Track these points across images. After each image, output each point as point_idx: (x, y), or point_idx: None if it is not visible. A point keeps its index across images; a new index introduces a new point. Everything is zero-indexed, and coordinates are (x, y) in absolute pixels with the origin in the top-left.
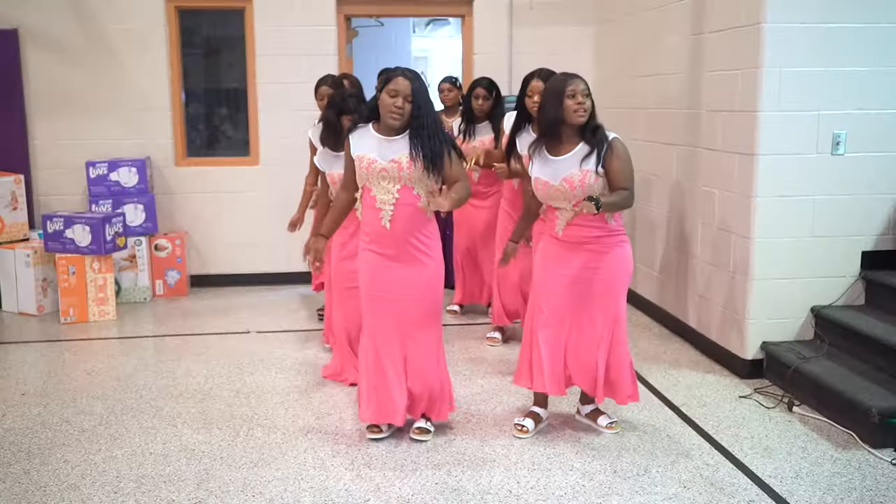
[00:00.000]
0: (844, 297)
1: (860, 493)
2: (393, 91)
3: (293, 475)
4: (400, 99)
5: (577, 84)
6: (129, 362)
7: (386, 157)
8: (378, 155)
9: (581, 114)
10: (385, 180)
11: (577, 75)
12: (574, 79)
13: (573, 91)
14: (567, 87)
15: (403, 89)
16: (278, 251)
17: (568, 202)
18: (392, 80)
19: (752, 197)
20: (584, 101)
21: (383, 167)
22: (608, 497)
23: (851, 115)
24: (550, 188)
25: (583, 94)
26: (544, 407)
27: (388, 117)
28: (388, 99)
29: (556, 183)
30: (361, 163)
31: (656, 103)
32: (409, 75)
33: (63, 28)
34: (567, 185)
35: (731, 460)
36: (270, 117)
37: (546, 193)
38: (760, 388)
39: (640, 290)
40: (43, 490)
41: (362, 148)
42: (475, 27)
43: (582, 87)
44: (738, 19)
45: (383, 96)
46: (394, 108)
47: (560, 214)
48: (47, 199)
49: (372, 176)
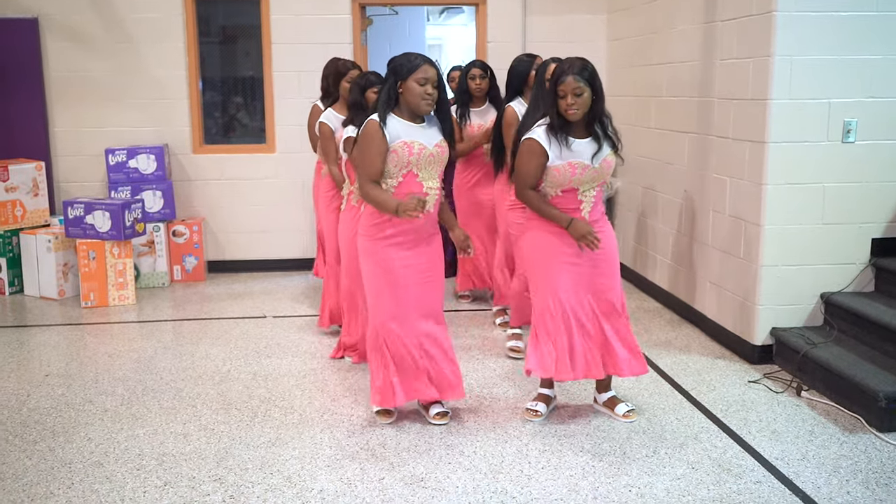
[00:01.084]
0: (854, 283)
1: (865, 476)
2: (423, 79)
3: (309, 454)
4: (430, 86)
5: (568, 83)
6: (148, 345)
7: (431, 142)
8: (425, 140)
9: (571, 114)
10: (432, 165)
11: (570, 69)
12: (566, 76)
13: (563, 91)
14: (558, 87)
15: (432, 77)
16: (294, 238)
17: (597, 183)
18: (419, 68)
19: (762, 184)
20: (574, 102)
21: (432, 152)
22: (617, 477)
23: (863, 102)
24: (588, 170)
25: (573, 93)
26: (551, 387)
27: (423, 105)
28: (418, 87)
29: (596, 165)
30: (411, 149)
31: (668, 91)
32: (431, 60)
33: (82, 17)
34: (606, 164)
35: (739, 443)
36: (286, 105)
37: (583, 177)
38: (769, 374)
39: (652, 277)
40: (68, 466)
41: (404, 135)
42: (489, 15)
43: (573, 86)
44: (750, 8)
45: (412, 85)
46: (426, 94)
47: (585, 197)
48: (68, 186)
49: (421, 161)
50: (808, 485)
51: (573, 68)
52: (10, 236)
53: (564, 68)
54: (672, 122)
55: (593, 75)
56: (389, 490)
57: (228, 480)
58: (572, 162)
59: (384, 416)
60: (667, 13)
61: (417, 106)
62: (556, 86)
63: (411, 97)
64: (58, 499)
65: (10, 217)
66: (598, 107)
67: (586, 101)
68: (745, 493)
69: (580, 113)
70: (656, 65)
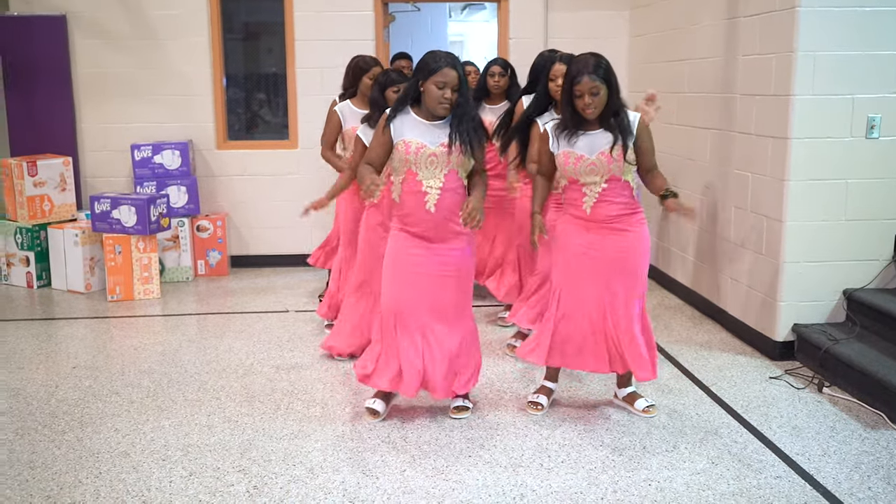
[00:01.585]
0: (877, 280)
1: (887, 471)
2: (441, 83)
3: (332, 446)
4: (448, 90)
5: (584, 84)
6: (173, 338)
7: (435, 142)
8: (427, 139)
9: (589, 112)
10: (433, 165)
11: (584, 66)
12: (581, 76)
13: (580, 91)
14: (574, 87)
15: (451, 81)
16: (316, 233)
17: (600, 177)
18: (439, 71)
19: (784, 180)
20: (591, 101)
21: (433, 152)
22: (637, 471)
23: (887, 98)
24: (585, 162)
25: (590, 93)
26: (555, 381)
27: (439, 108)
28: (436, 91)
29: (592, 157)
30: (409, 147)
31: (691, 87)
32: (454, 63)
33: (109, 14)
34: (604, 158)
35: (760, 438)
36: (309, 101)
37: (578, 168)
38: (791, 370)
39: (673, 273)
40: (96, 456)
41: (407, 132)
42: (511, 11)
43: (589, 85)
44: (773, 3)
45: (431, 87)
46: (443, 98)
47: (588, 191)
48: (94, 181)
49: (420, 160)
50: (829, 480)
51: (588, 67)
52: (39, 230)
53: (580, 68)
54: (694, 118)
55: (608, 71)
56: (411, 482)
57: (252, 471)
58: (567, 151)
59: (371, 414)
60: (689, 9)
61: (434, 108)
62: (572, 85)
63: (429, 99)
64: (86, 487)
65: (38, 211)
66: (613, 101)
67: (603, 99)
68: (766, 488)
69: (598, 111)
70: (678, 61)
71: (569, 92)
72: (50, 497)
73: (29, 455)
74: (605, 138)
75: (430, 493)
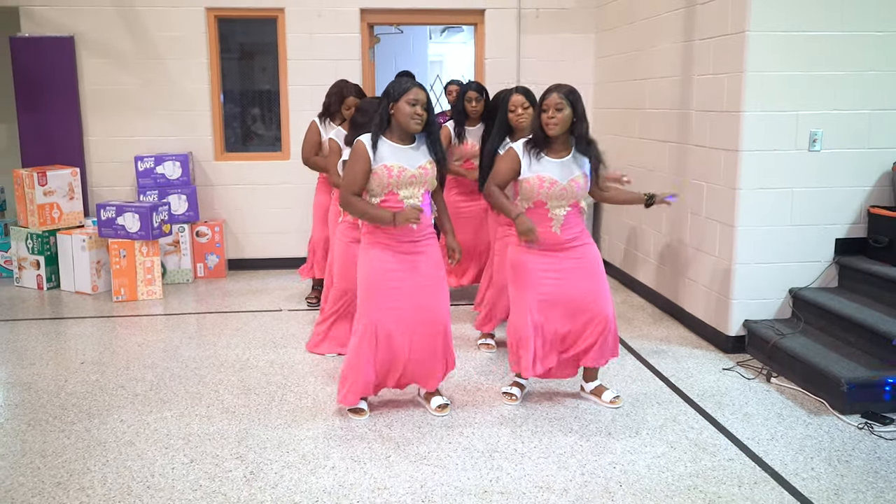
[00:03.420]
0: (819, 279)
1: (828, 454)
2: (413, 100)
3: (322, 434)
4: (419, 107)
5: (551, 99)
6: (174, 336)
7: (413, 165)
8: (406, 163)
9: (551, 127)
10: (414, 185)
11: (556, 87)
12: (550, 93)
13: (546, 106)
14: (543, 103)
15: (421, 99)
16: (307, 238)
17: (567, 201)
18: (410, 90)
19: (736, 189)
20: (555, 115)
21: (413, 174)
22: (602, 455)
23: (828, 115)
24: (557, 187)
25: (555, 108)
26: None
27: (412, 124)
28: (408, 108)
29: (564, 182)
30: (391, 171)
31: (651, 104)
32: (420, 85)
33: (114, 36)
34: (575, 185)
35: (714, 424)
36: (300, 116)
37: (550, 192)
38: (742, 362)
39: (637, 275)
40: (103, 446)
41: (387, 158)
42: (486, 34)
43: (555, 101)
44: (726, 28)
45: (403, 105)
46: (416, 115)
47: (555, 214)
48: (100, 190)
49: (402, 182)
50: (777, 462)
51: (558, 87)
52: (48, 236)
53: (552, 87)
54: (654, 132)
55: (576, 98)
56: (395, 467)
57: (249, 458)
58: (541, 175)
59: (357, 413)
60: (649, 33)
61: (407, 125)
62: (542, 101)
63: (402, 116)
64: (94, 475)
65: (47, 218)
66: (578, 128)
67: (566, 118)
68: (719, 470)
69: (559, 129)
70: (640, 80)
71: (539, 108)
72: (60, 483)
73: (41, 444)
74: (577, 164)
75: (414, 477)
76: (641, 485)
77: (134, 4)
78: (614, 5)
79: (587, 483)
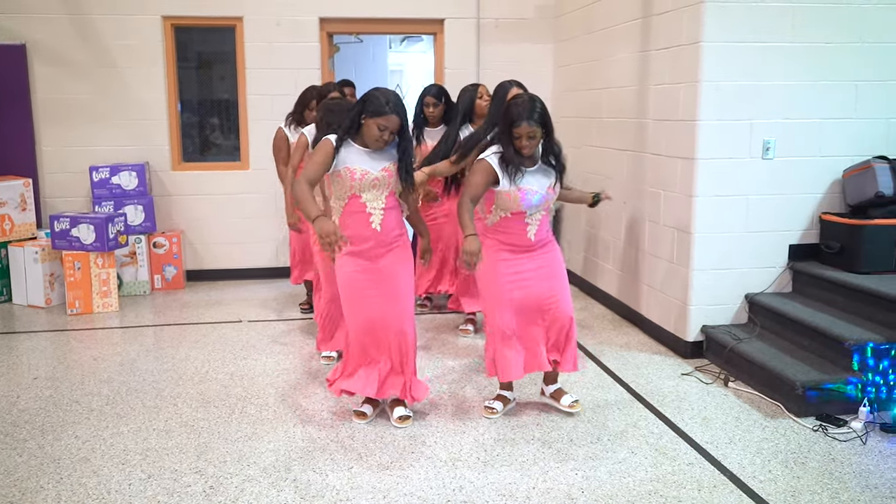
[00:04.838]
0: (774, 285)
1: (785, 456)
2: (383, 126)
3: (283, 447)
4: (387, 133)
5: (522, 128)
6: (131, 349)
7: (377, 168)
8: (369, 166)
9: (525, 152)
10: (376, 188)
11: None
12: (519, 122)
13: (519, 134)
14: (514, 130)
15: (392, 126)
16: (267, 248)
17: (542, 208)
18: (385, 115)
19: (692, 196)
20: (528, 144)
21: (376, 177)
22: (565, 461)
23: (780, 123)
24: (538, 196)
25: (528, 136)
26: (510, 390)
27: (373, 144)
28: (376, 131)
29: (543, 191)
30: (353, 174)
31: (609, 113)
32: (399, 110)
33: (68, 44)
34: (551, 192)
35: (674, 429)
36: (259, 126)
37: (532, 203)
38: (700, 367)
39: (600, 284)
40: (57, 462)
41: (352, 161)
42: (446, 44)
43: (527, 130)
44: (681, 38)
45: (372, 126)
46: (380, 140)
47: (531, 220)
48: (54, 201)
49: (365, 185)
50: (735, 465)
51: (525, 113)
52: None
53: (520, 112)
54: (612, 140)
55: (543, 115)
56: (358, 478)
57: (208, 472)
58: (523, 187)
59: (360, 416)
60: (607, 43)
61: (369, 143)
62: (510, 127)
63: (367, 133)
64: (48, 493)
65: None
66: (548, 140)
67: (539, 140)
68: (679, 474)
69: (533, 150)
70: (598, 89)
71: (508, 133)
72: (13, 503)
73: None
74: (546, 175)
75: (376, 488)
76: (603, 490)
77: (88, 12)
78: (572, 16)
79: (549, 490)
